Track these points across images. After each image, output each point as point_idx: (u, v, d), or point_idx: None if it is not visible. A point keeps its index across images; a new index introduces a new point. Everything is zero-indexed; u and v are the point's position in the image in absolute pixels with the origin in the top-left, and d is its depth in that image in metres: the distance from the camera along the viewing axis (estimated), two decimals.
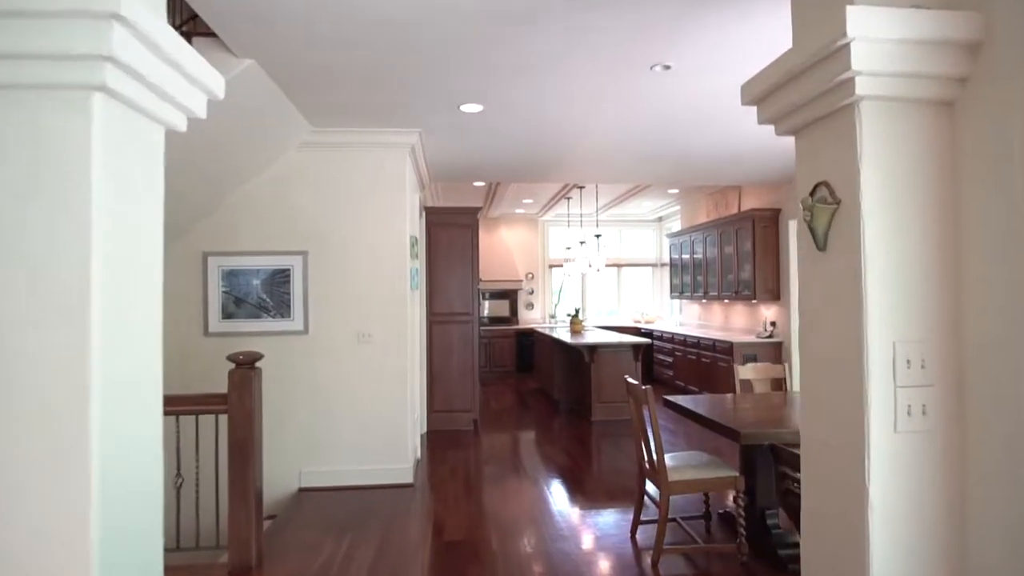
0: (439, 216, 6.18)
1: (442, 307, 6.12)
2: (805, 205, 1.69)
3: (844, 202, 1.57)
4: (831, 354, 1.63)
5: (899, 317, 1.49)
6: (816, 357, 1.71)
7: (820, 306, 1.69)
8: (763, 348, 6.60)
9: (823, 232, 1.66)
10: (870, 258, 1.49)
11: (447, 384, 6.13)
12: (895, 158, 1.51)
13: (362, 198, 4.32)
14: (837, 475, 1.56)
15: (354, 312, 4.28)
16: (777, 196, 6.67)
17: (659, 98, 3.67)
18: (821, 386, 1.68)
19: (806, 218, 1.69)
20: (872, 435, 1.47)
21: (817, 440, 1.68)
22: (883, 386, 1.48)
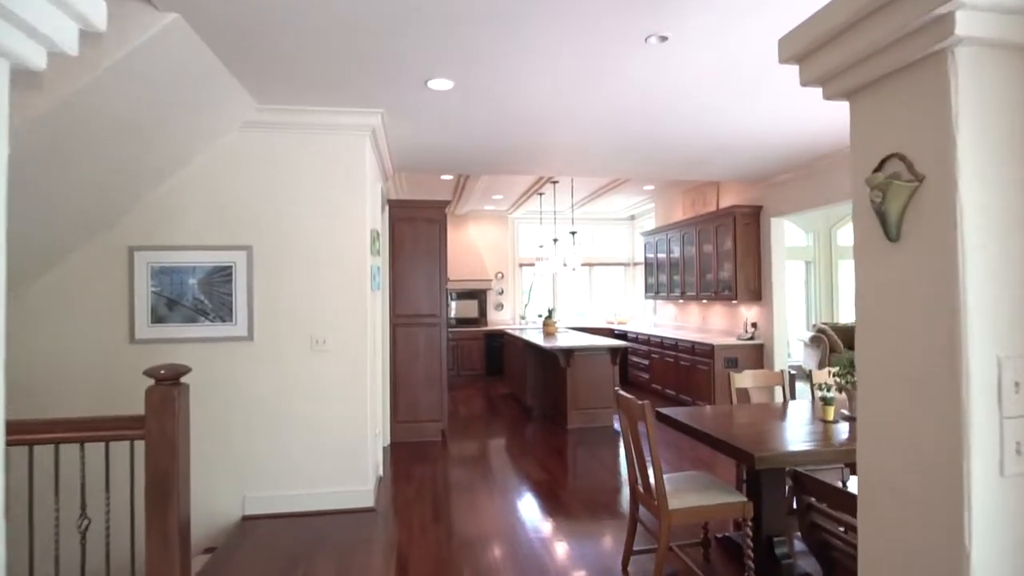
0: (404, 209, 5.70)
1: (407, 308, 5.65)
2: (873, 184, 1.30)
3: (929, 179, 1.19)
4: (907, 372, 1.25)
5: (1005, 326, 1.13)
6: (883, 375, 1.33)
7: (890, 311, 1.31)
8: (745, 350, 6.34)
9: (896, 218, 1.28)
10: (969, 250, 1.12)
11: (412, 392, 5.66)
12: (1003, 122, 1.15)
13: (317, 186, 3.82)
14: (919, 530, 1.19)
15: (306, 315, 3.78)
16: (759, 192, 6.41)
17: (649, 77, 3.30)
18: (892, 413, 1.30)
19: (875, 199, 1.31)
20: (973, 480, 1.10)
21: (886, 482, 1.31)
22: (986, 415, 1.11)
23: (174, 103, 3.04)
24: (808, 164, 5.51)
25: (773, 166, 5.64)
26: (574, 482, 4.43)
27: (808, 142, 4.82)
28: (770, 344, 6.24)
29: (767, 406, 3.50)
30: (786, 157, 5.29)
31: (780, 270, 6.25)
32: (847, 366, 2.95)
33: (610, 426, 6.20)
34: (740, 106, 3.83)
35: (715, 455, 4.87)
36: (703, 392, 6.46)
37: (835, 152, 5.09)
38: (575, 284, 10.73)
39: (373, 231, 4.10)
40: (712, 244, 6.85)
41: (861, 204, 1.35)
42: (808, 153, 5.16)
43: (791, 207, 5.96)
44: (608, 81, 3.36)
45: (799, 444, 2.52)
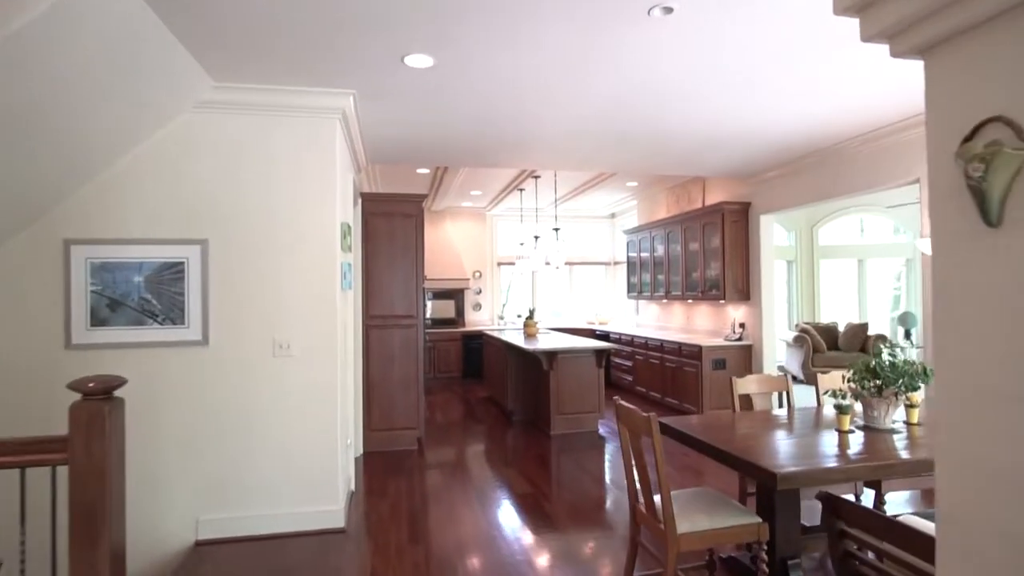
0: (378, 203, 5.34)
1: (381, 309, 5.30)
2: (970, 155, 1.03)
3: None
4: (1012, 390, 0.99)
5: None
6: (977, 395, 1.07)
7: (987, 313, 1.04)
8: (733, 352, 6.14)
9: (1000, 196, 1.01)
10: None
11: (387, 398, 5.30)
12: None
13: (281, 174, 3.46)
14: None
15: (269, 317, 3.41)
16: (747, 189, 6.22)
17: (648, 59, 3.02)
18: (992, 442, 1.04)
19: (973, 174, 1.04)
20: None
21: (988, 526, 1.04)
22: None
23: (114, 76, 2.66)
24: (797, 160, 5.32)
25: (763, 162, 5.44)
26: (561, 494, 4.14)
27: (801, 138, 4.62)
28: (759, 345, 6.05)
29: (770, 414, 3.26)
30: (778, 152, 5.09)
31: (769, 269, 6.07)
32: (864, 371, 2.72)
33: (595, 431, 5.94)
34: (737, 96, 3.59)
35: (703, 460, 4.63)
36: (690, 395, 6.24)
37: (824, 148, 4.91)
38: (555, 284, 10.47)
39: (344, 225, 3.75)
40: (699, 242, 6.64)
41: (944, 183, 1.08)
42: (798, 149, 4.97)
43: (780, 204, 5.78)
44: (603, 62, 3.08)
45: (821, 460, 2.27)
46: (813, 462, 2.24)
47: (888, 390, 2.71)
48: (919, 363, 2.73)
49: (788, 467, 2.12)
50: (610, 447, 5.43)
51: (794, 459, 2.30)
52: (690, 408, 6.24)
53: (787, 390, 3.45)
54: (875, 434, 2.66)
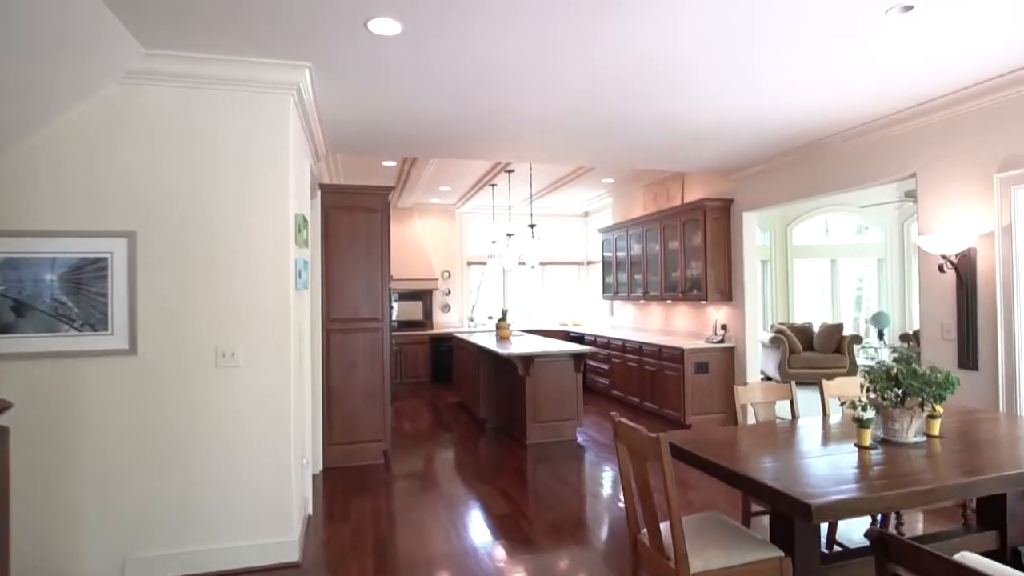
0: (340, 196, 4.90)
1: (343, 311, 4.86)
2: None
3: None
4: None
5: None
6: None
7: None
8: (715, 354, 5.90)
9: None
10: None
11: (349, 409, 4.86)
12: None
13: (225, 158, 3.01)
14: None
15: (210, 321, 2.96)
16: (729, 186, 6.00)
17: (644, 35, 2.70)
18: None
19: None
20: None
21: None
22: None
23: (14, 34, 2.18)
24: (783, 155, 5.10)
25: (748, 157, 5.20)
26: (543, 513, 3.79)
27: (790, 130, 4.38)
28: (741, 347, 5.83)
29: (776, 426, 2.97)
30: (765, 146, 4.85)
31: (752, 268, 5.85)
32: (884, 379, 2.45)
33: (573, 440, 5.62)
34: (726, 84, 3.30)
35: (688, 468, 4.35)
36: (672, 400, 5.97)
37: (814, 142, 4.69)
38: (526, 284, 10.14)
39: (299, 217, 3.32)
40: (679, 241, 6.39)
41: None
42: (786, 142, 4.74)
43: (764, 201, 5.56)
44: (596, 39, 2.74)
45: (853, 485, 1.97)
46: (845, 488, 1.94)
47: (911, 400, 2.44)
48: (940, 370, 2.47)
49: (822, 496, 1.80)
50: (590, 457, 5.11)
51: (823, 484, 1.99)
52: (671, 414, 5.97)
53: (792, 398, 3.17)
54: (898, 450, 2.38)
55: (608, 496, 4.13)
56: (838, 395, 3.23)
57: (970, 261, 3.68)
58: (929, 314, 3.98)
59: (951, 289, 3.81)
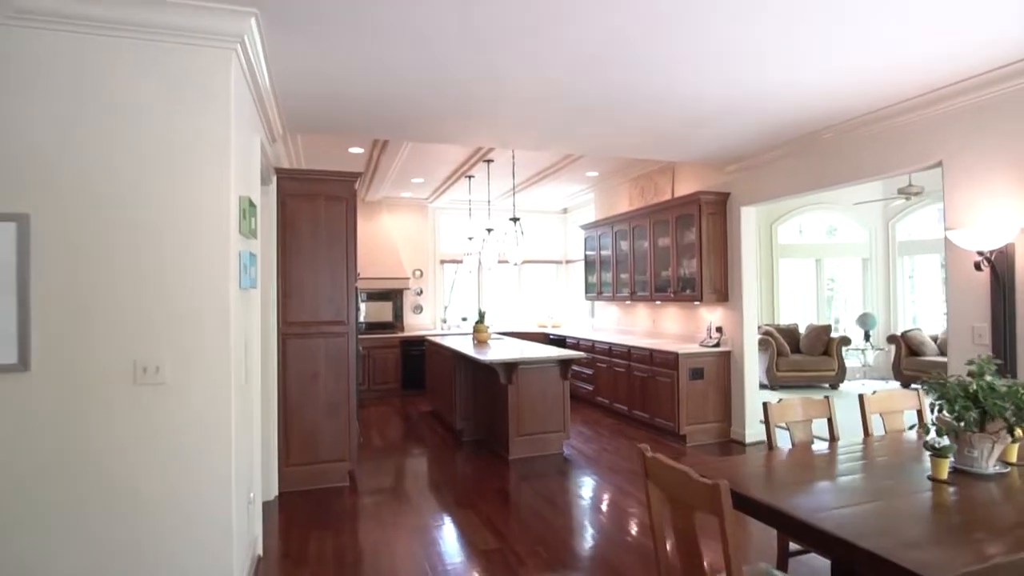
0: (300, 182, 4.31)
1: (302, 314, 4.27)
2: None
3: None
4: None
5: None
6: None
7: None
8: (711, 360, 5.49)
9: None
10: None
11: (309, 425, 4.28)
12: None
13: (147, 124, 2.41)
14: None
15: (127, 329, 2.36)
16: (725, 178, 5.59)
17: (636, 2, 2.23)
18: None
19: None
20: None
21: None
22: None
23: None
24: (789, 143, 4.71)
25: (751, 144, 4.80)
26: (536, 549, 3.27)
27: (803, 113, 3.98)
28: (739, 351, 5.43)
29: (810, 452, 2.53)
30: (771, 132, 4.44)
31: (749, 267, 5.46)
32: (963, 397, 2.02)
33: (560, 453, 5.13)
34: (736, 59, 2.85)
35: None
36: (665, 408, 5.54)
37: (826, 128, 4.31)
38: (503, 284, 9.62)
39: (244, 200, 2.73)
40: (670, 237, 5.97)
41: None
42: (796, 128, 4.35)
43: (764, 194, 5.17)
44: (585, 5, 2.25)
45: (956, 538, 1.52)
46: (960, 549, 1.48)
47: (994, 423, 2.02)
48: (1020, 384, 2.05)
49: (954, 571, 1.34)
50: (579, 473, 4.63)
51: (928, 540, 1.54)
52: (664, 423, 5.54)
53: (831, 415, 2.73)
54: (980, 484, 1.96)
55: (608, 524, 3.65)
56: (880, 411, 2.81)
57: (1008, 258, 3.32)
58: (958, 316, 3.61)
59: (984, 289, 3.44)
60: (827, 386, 8.15)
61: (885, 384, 8.40)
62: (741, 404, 5.40)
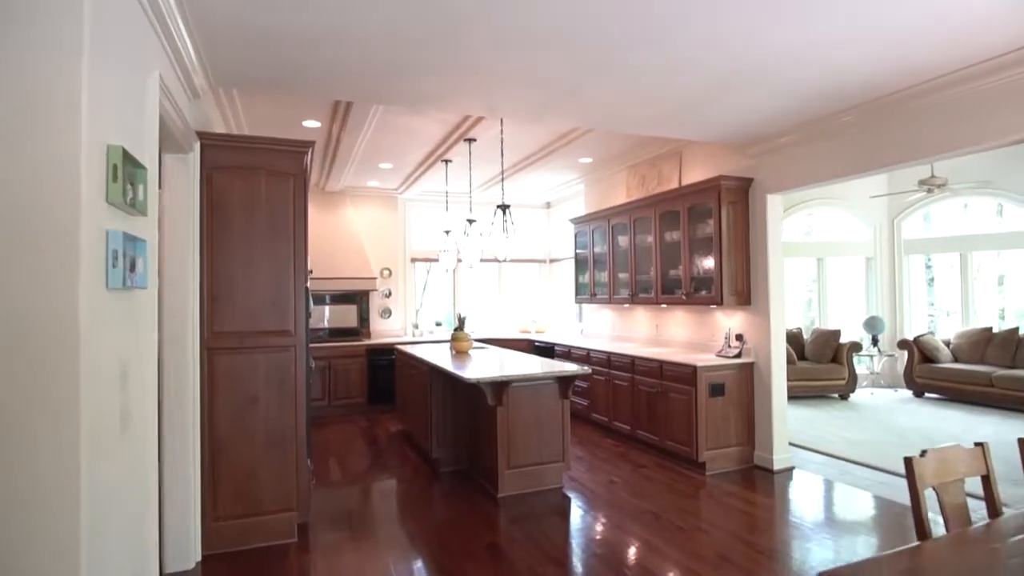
0: (232, 151, 3.34)
1: (236, 321, 3.30)
2: None
3: None
4: None
5: None
6: None
7: None
8: (732, 373, 4.70)
9: None
10: None
11: (245, 465, 3.31)
12: None
13: None
14: None
15: None
16: (746, 162, 4.82)
17: None
18: None
19: None
20: None
21: None
22: None
23: None
24: (830, 118, 3.96)
25: (787, 115, 4.03)
26: None
27: (857, 77, 3.22)
28: (764, 362, 4.65)
29: (998, 537, 1.71)
30: (815, 100, 3.68)
31: (778, 265, 4.69)
32: None
33: (559, 488, 4.26)
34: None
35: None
36: (678, 430, 4.72)
37: (878, 98, 3.56)
38: (481, 285, 8.72)
39: (114, 152, 1.78)
40: (681, 230, 5.16)
41: None
42: (843, 97, 3.59)
43: (796, 179, 4.41)
44: None
45: None
46: None
47: None
48: None
49: None
50: (583, 514, 3.77)
51: None
52: (679, 448, 4.72)
53: (988, 471, 1.91)
54: None
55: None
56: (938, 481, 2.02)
57: None
58: None
59: None
60: (836, 396, 7.48)
61: (895, 393, 7.79)
62: (767, 424, 4.62)
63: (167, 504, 2.98)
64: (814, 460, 4.85)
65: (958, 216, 8.39)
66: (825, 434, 5.65)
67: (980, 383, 6.76)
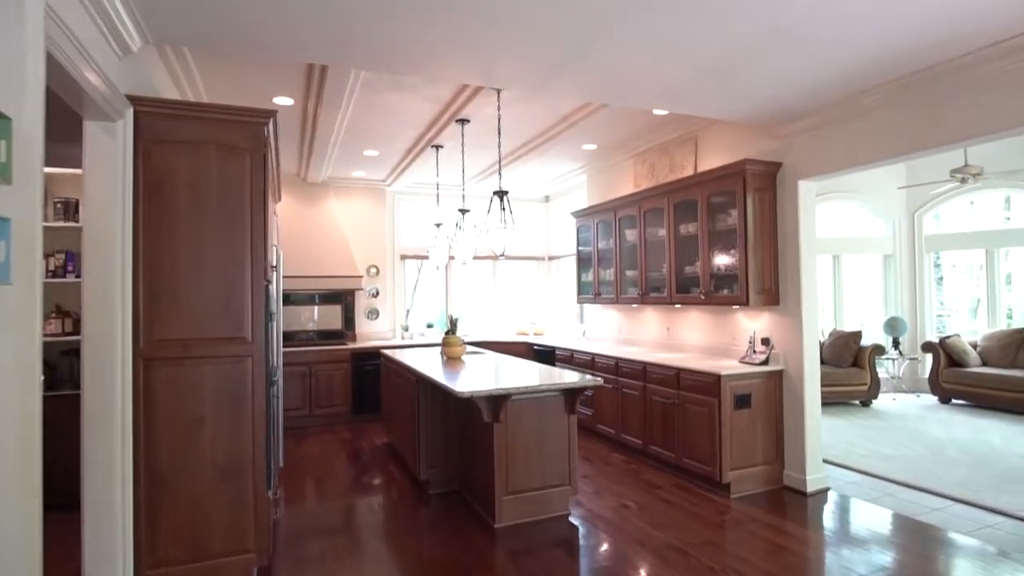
0: (173, 122, 2.77)
1: (180, 327, 2.74)
2: None
3: None
4: None
5: None
6: None
7: None
8: (759, 382, 4.16)
9: None
10: None
11: (189, 500, 2.75)
12: None
13: None
14: None
15: None
16: (773, 144, 4.29)
17: None
18: None
19: None
20: None
21: None
22: None
23: None
24: (872, 90, 3.43)
25: (830, 87, 3.50)
26: None
27: (928, 38, 2.69)
28: (796, 370, 4.12)
29: None
30: (870, 66, 3.15)
31: (811, 260, 4.16)
32: None
33: (564, 517, 3.71)
34: None
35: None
36: (698, 446, 4.18)
37: (937, 67, 3.04)
38: (476, 283, 8.17)
39: None
40: (699, 222, 4.62)
41: None
42: (896, 63, 3.06)
43: (833, 163, 3.88)
44: None
45: None
46: None
47: None
48: None
49: None
50: (596, 552, 3.22)
51: None
52: (698, 466, 4.18)
53: None
54: None
55: None
56: None
57: None
58: None
59: None
60: (858, 403, 6.97)
61: (918, 399, 7.29)
62: (798, 439, 4.09)
63: (87, 554, 2.41)
64: (849, 479, 4.33)
65: (979, 210, 7.91)
66: (854, 447, 5.13)
67: (1015, 389, 6.26)
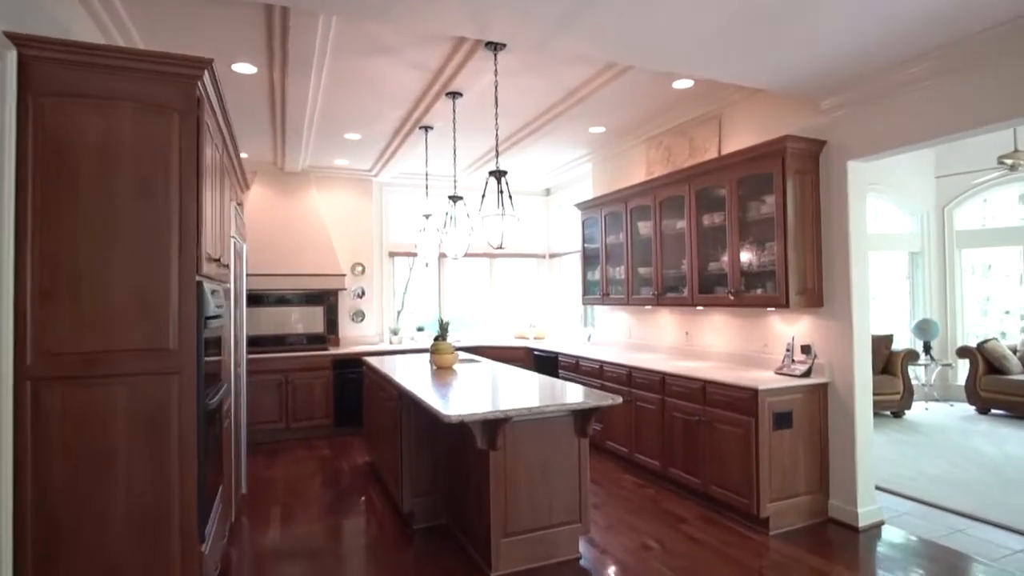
0: (74, 71, 2.13)
1: (82, 335, 2.11)
2: None
3: None
4: None
5: None
6: None
7: None
8: (800, 397, 3.55)
9: None
10: None
11: (99, 553, 2.12)
12: None
13: None
14: None
15: None
16: (816, 120, 3.69)
17: None
18: None
19: None
20: None
21: None
22: None
23: None
24: (934, 52, 2.83)
25: (878, 53, 2.89)
26: None
27: None
28: (845, 383, 3.51)
29: None
30: (922, 27, 2.54)
31: (861, 255, 3.55)
32: None
33: (575, 561, 3.08)
34: None
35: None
36: (730, 473, 3.56)
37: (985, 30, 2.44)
38: (471, 281, 7.55)
39: None
40: (727, 211, 4.01)
41: None
42: (971, 15, 2.46)
43: (890, 139, 3.27)
44: None
45: None
46: None
47: None
48: None
49: None
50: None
51: None
52: (731, 498, 3.56)
53: None
54: None
55: None
56: None
57: None
58: None
59: None
60: (889, 414, 6.36)
61: (951, 409, 6.69)
62: (847, 465, 3.48)
63: None
64: (901, 509, 3.72)
65: (1013, 204, 7.33)
66: (898, 467, 4.52)
67: None
